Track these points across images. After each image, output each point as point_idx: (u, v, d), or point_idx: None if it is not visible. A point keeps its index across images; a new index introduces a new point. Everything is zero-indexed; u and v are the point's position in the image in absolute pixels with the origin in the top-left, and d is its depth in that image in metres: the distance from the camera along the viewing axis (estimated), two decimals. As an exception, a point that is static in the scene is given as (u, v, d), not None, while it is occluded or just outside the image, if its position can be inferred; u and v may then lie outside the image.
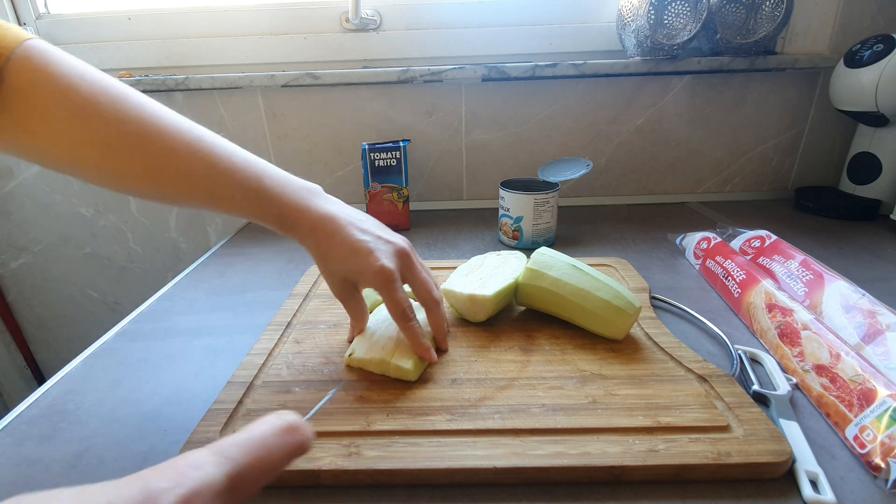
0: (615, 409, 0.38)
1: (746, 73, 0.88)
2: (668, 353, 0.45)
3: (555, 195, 0.73)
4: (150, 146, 0.37)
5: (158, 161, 0.37)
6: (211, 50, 0.92)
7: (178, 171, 0.38)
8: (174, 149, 0.37)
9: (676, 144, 0.94)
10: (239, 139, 0.93)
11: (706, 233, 0.68)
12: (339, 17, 0.91)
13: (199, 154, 0.38)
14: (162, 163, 0.37)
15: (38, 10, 0.93)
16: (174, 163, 0.37)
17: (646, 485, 0.33)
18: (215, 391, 0.43)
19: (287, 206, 0.41)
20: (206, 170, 0.38)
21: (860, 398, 0.36)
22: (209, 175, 0.39)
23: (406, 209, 0.85)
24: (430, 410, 0.39)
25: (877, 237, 0.74)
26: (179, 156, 0.37)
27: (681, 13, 0.82)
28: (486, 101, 0.91)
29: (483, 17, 0.91)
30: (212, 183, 0.39)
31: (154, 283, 1.05)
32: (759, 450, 0.33)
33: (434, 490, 0.34)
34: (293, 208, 0.41)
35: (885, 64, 0.72)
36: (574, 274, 0.49)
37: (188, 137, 0.38)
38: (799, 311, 0.46)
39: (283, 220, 0.41)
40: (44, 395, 0.46)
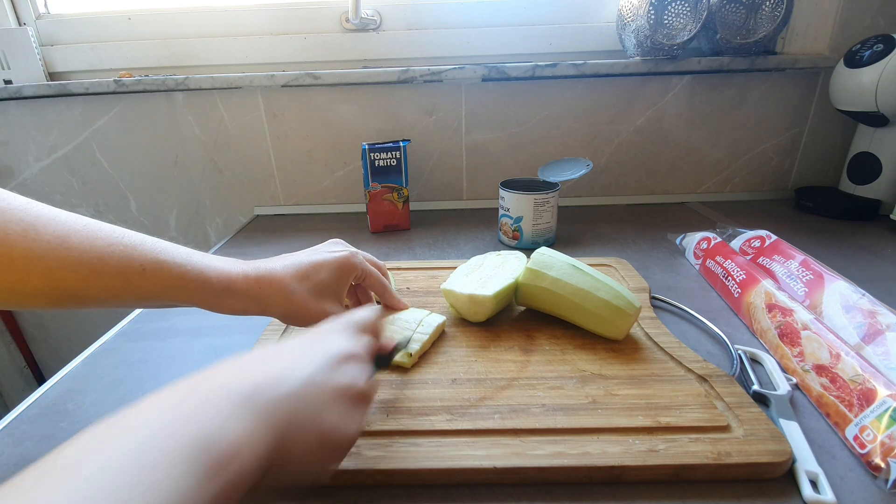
0: (615, 409, 0.38)
1: (746, 73, 0.88)
2: (668, 353, 0.45)
3: (555, 195, 0.73)
4: (34, 234, 0.32)
5: (45, 247, 0.32)
6: (211, 50, 0.92)
7: (72, 256, 0.33)
8: (67, 234, 0.33)
9: (676, 144, 0.94)
10: (239, 139, 0.94)
11: (706, 233, 0.68)
12: (339, 17, 0.91)
13: (102, 237, 0.34)
14: (51, 248, 0.33)
15: (38, 10, 0.93)
16: (67, 247, 0.33)
17: (646, 485, 0.33)
18: (215, 391, 0.43)
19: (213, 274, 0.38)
20: (113, 250, 0.35)
21: (860, 398, 0.36)
22: (118, 254, 0.34)
23: (406, 209, 0.85)
24: (430, 410, 0.39)
25: (877, 237, 0.74)
26: (74, 241, 0.33)
27: (681, 13, 0.82)
28: (486, 101, 0.91)
29: (483, 17, 0.91)
30: (123, 264, 0.35)
31: (154, 283, 1.05)
32: (759, 450, 0.33)
33: (434, 490, 0.34)
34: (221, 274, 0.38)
35: (885, 64, 0.72)
36: (574, 274, 0.49)
37: (88, 227, 0.35)
38: (799, 311, 0.46)
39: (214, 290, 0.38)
40: (44, 395, 0.46)
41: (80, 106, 0.91)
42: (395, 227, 0.86)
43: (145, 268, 0.35)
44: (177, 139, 0.94)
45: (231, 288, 0.38)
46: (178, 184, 0.97)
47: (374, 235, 0.84)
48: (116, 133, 0.93)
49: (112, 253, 0.35)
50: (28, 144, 0.94)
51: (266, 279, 0.39)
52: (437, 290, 0.60)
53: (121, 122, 0.92)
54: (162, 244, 0.37)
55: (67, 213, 0.35)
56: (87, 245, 0.34)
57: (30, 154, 0.95)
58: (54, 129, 0.93)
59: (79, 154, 0.95)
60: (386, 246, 0.79)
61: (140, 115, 0.92)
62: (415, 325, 0.48)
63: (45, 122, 0.92)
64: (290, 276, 0.40)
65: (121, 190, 0.98)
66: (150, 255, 0.36)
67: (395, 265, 0.66)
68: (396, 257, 0.74)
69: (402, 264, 0.67)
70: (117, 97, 0.91)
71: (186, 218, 1.01)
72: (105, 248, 0.34)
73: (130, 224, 1.01)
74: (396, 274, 0.64)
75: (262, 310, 0.40)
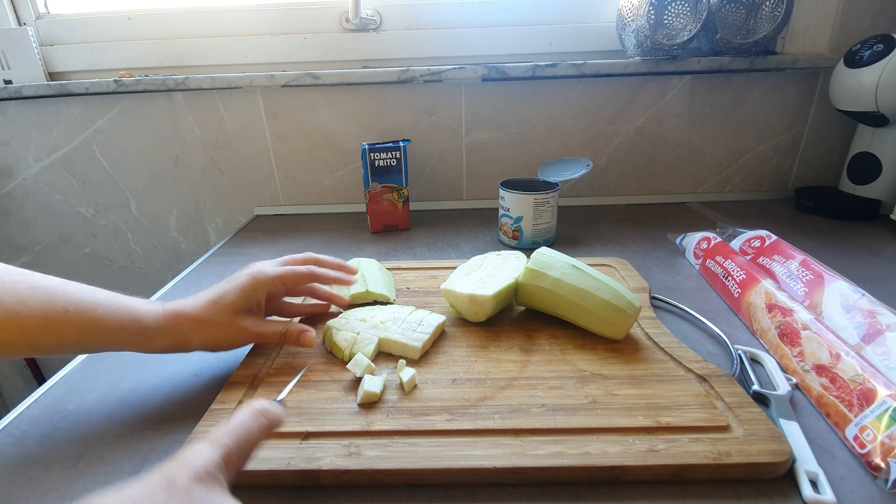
0: (615, 409, 0.38)
1: (746, 73, 0.88)
2: (668, 353, 0.45)
3: (555, 195, 0.73)
4: None
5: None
6: (211, 50, 0.92)
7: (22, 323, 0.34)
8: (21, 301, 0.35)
9: (676, 144, 0.94)
10: (239, 139, 0.94)
11: (706, 233, 0.68)
12: (339, 17, 0.91)
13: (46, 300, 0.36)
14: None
15: (38, 10, 0.93)
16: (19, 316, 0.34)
17: (646, 485, 0.33)
18: (215, 391, 0.43)
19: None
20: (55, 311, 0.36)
21: (860, 398, 0.36)
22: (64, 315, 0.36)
23: (406, 209, 0.85)
24: (430, 410, 0.39)
25: (877, 237, 0.74)
26: (26, 310, 0.35)
27: (681, 13, 0.82)
28: (486, 101, 0.91)
29: (483, 17, 0.91)
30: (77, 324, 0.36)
31: (154, 283, 1.05)
32: (759, 450, 0.33)
33: (434, 490, 0.34)
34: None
35: (885, 64, 0.72)
36: (574, 274, 0.49)
37: (33, 290, 0.36)
38: (799, 311, 0.46)
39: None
40: (44, 395, 0.46)
41: (80, 106, 0.91)
42: (395, 227, 0.86)
43: (67, 309, 0.35)
44: (177, 139, 0.94)
45: (154, 325, 0.40)
46: (178, 184, 0.97)
47: (374, 235, 0.84)
48: (116, 133, 0.93)
49: (32, 296, 0.35)
50: (28, 144, 0.94)
51: (181, 314, 0.41)
52: (437, 290, 0.60)
53: (121, 122, 0.92)
54: (85, 287, 0.38)
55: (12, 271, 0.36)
56: (6, 288, 0.34)
57: (30, 154, 0.95)
58: (54, 129, 0.93)
59: (79, 154, 0.95)
60: (386, 246, 0.79)
61: (140, 115, 0.92)
62: (415, 325, 0.48)
63: (45, 122, 0.92)
64: (200, 307, 0.42)
65: (121, 190, 0.98)
66: (72, 297, 0.36)
67: (395, 265, 0.66)
68: (396, 257, 0.74)
69: (402, 264, 0.67)
70: (117, 97, 0.91)
71: (186, 218, 1.01)
72: (26, 290, 0.35)
73: (130, 224, 1.01)
74: (396, 274, 0.64)
75: (184, 343, 0.41)
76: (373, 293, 0.56)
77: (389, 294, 0.57)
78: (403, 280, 0.63)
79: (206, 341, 0.42)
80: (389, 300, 0.57)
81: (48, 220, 1.00)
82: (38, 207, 0.99)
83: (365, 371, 0.42)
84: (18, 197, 0.98)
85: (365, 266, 0.60)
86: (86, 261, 1.04)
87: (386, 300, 0.57)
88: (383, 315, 0.50)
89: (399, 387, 0.42)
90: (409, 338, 0.46)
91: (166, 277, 1.05)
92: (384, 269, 0.63)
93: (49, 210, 0.99)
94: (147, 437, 0.39)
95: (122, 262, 1.04)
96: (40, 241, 1.02)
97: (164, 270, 1.05)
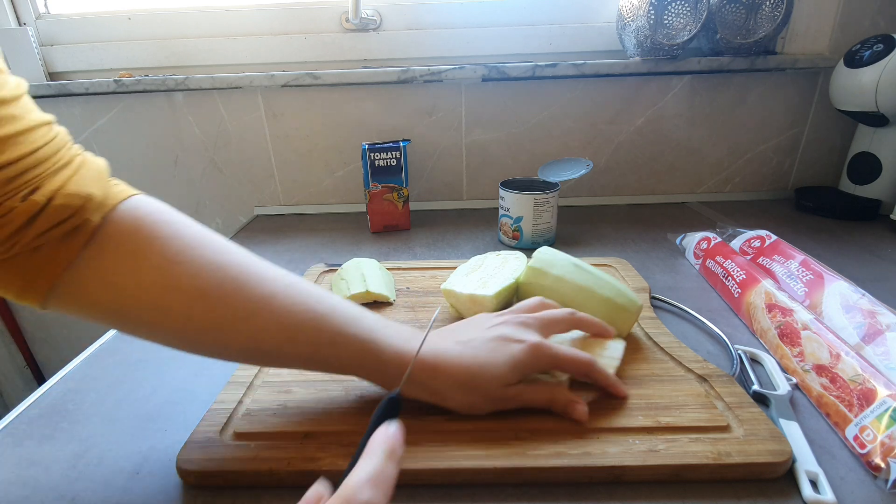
0: (615, 409, 0.38)
1: (746, 73, 0.88)
2: (668, 353, 0.45)
3: (555, 195, 0.73)
4: (247, 292, 0.33)
5: (253, 307, 0.33)
6: (211, 50, 0.92)
7: (273, 319, 0.34)
8: (273, 295, 0.34)
9: (676, 144, 0.94)
10: (239, 139, 0.94)
11: (706, 233, 0.68)
12: (339, 17, 0.91)
13: (300, 302, 0.35)
14: (257, 310, 0.33)
15: (38, 10, 0.93)
16: (270, 310, 0.34)
17: (646, 485, 0.33)
18: (215, 391, 0.43)
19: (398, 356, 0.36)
20: (307, 317, 0.34)
21: (860, 398, 0.36)
22: (311, 322, 0.34)
23: (406, 209, 0.85)
24: (431, 410, 0.39)
25: (877, 237, 0.74)
26: (277, 304, 0.34)
27: (681, 13, 0.82)
28: (486, 101, 0.91)
29: (483, 17, 0.91)
30: (314, 333, 0.34)
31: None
32: (759, 450, 0.33)
33: (434, 490, 0.34)
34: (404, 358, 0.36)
35: (885, 64, 0.72)
36: (576, 272, 0.49)
37: (290, 289, 0.35)
38: (799, 311, 0.46)
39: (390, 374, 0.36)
40: (44, 395, 0.46)
41: (80, 106, 0.91)
42: (395, 227, 0.86)
43: (335, 341, 0.35)
44: (177, 139, 0.94)
45: (412, 376, 0.35)
46: (178, 184, 0.97)
47: (374, 235, 0.84)
48: (116, 133, 0.93)
49: (306, 320, 0.34)
50: (28, 144, 0.94)
51: (442, 369, 0.36)
52: (437, 290, 0.60)
53: (121, 122, 0.92)
54: (351, 314, 0.36)
55: (271, 268, 0.36)
56: (286, 309, 0.34)
57: (30, 154, 0.95)
58: (54, 129, 0.93)
59: (79, 154, 0.95)
60: (386, 246, 0.79)
61: (140, 115, 0.92)
62: (601, 350, 0.43)
63: (45, 122, 0.92)
64: (468, 366, 0.36)
65: (121, 190, 0.97)
66: (338, 327, 0.35)
67: (395, 265, 0.66)
68: (396, 257, 0.74)
69: (402, 264, 0.67)
70: (117, 97, 0.91)
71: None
72: (302, 313, 0.34)
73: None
74: (396, 274, 0.64)
75: (440, 400, 0.37)
76: (373, 293, 0.56)
77: (389, 294, 0.57)
78: (403, 280, 0.63)
79: (467, 405, 0.37)
80: (389, 300, 0.57)
81: (48, 220, 1.00)
82: (38, 207, 0.99)
83: None
84: (18, 197, 0.98)
85: (365, 266, 0.60)
86: (86, 261, 1.04)
87: (386, 300, 0.57)
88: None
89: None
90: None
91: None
92: (384, 269, 0.63)
93: (49, 210, 0.99)
94: (147, 437, 0.39)
95: (122, 262, 1.04)
96: (40, 241, 1.02)
97: (164, 270, 1.05)
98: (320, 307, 0.35)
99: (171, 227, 0.33)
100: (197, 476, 0.34)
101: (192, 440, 0.36)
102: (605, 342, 0.44)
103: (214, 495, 0.34)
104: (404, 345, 0.36)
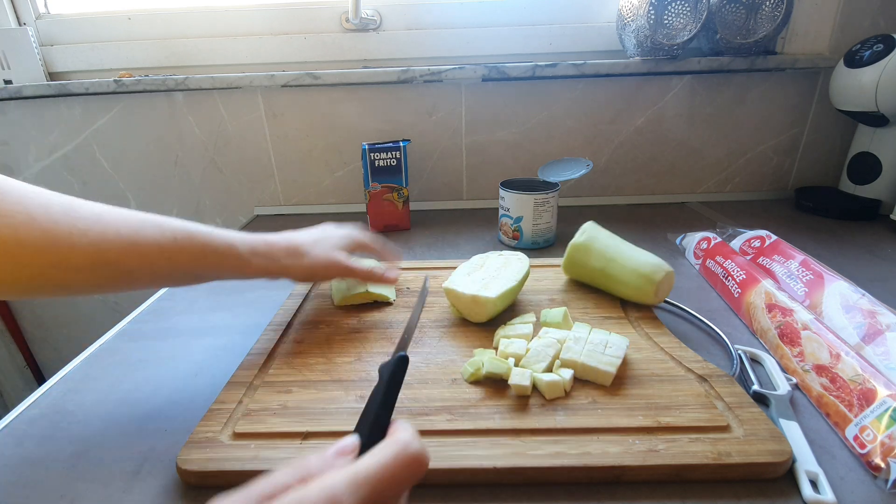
0: (615, 409, 0.38)
1: (746, 73, 0.88)
2: (668, 353, 0.45)
3: (555, 195, 0.73)
4: (77, 212, 0.35)
5: (85, 223, 0.35)
6: (211, 50, 0.92)
7: (111, 228, 0.36)
8: (104, 211, 0.37)
9: (676, 144, 0.94)
10: (239, 139, 0.94)
11: (706, 233, 0.68)
12: (339, 17, 0.91)
13: (131, 214, 0.38)
14: (91, 224, 0.35)
15: (38, 10, 0.93)
16: (104, 222, 0.36)
17: (646, 485, 0.33)
18: (215, 391, 0.43)
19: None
20: (147, 222, 0.39)
21: (860, 398, 0.36)
22: (151, 223, 0.39)
23: (406, 209, 0.85)
24: (430, 410, 0.39)
25: (877, 237, 0.74)
26: (110, 216, 0.37)
27: (681, 13, 0.82)
28: (486, 101, 0.91)
29: (483, 17, 0.91)
30: (156, 231, 0.39)
31: (154, 283, 1.05)
32: (759, 450, 0.33)
33: (434, 490, 0.34)
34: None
35: (885, 64, 0.72)
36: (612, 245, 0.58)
37: (117, 208, 0.38)
38: (799, 311, 0.46)
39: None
40: (44, 395, 0.46)
41: (80, 106, 0.91)
42: (395, 227, 0.86)
43: (177, 237, 0.39)
44: (177, 139, 0.94)
45: (254, 249, 0.45)
46: (178, 184, 0.97)
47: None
48: (116, 133, 0.93)
49: (144, 226, 0.38)
50: (28, 144, 0.94)
51: (283, 241, 0.48)
52: (437, 289, 0.60)
53: (121, 122, 0.92)
54: (186, 221, 0.41)
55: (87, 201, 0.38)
56: (121, 220, 0.37)
57: (30, 154, 0.95)
58: (54, 129, 0.93)
59: (79, 154, 0.95)
60: (386, 246, 0.79)
61: (140, 115, 0.92)
62: (602, 347, 0.44)
63: (45, 122, 0.92)
64: (306, 240, 0.49)
65: (121, 190, 0.98)
66: (179, 227, 0.40)
67: (395, 265, 0.66)
68: (396, 257, 0.74)
69: (402, 264, 0.67)
70: (117, 97, 0.91)
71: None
72: (138, 222, 0.38)
73: (130, 224, 1.01)
74: (396, 274, 0.64)
75: (281, 269, 0.47)
76: (373, 293, 0.56)
77: (389, 294, 0.57)
78: (403, 280, 0.63)
79: (305, 269, 0.48)
80: (389, 300, 0.57)
81: (48, 220, 1.00)
82: (38, 207, 0.99)
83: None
84: (18, 197, 0.98)
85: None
86: (86, 261, 1.04)
87: (386, 300, 0.57)
88: (557, 334, 0.46)
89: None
90: (600, 361, 0.42)
91: (166, 277, 1.04)
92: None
93: (49, 210, 0.99)
94: (147, 437, 0.39)
95: (122, 262, 1.04)
96: (40, 241, 1.02)
97: (164, 270, 1.05)
98: (155, 217, 0.39)
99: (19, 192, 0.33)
100: (197, 476, 0.34)
101: (192, 440, 0.36)
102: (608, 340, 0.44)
103: (214, 495, 0.34)
104: (245, 234, 0.46)
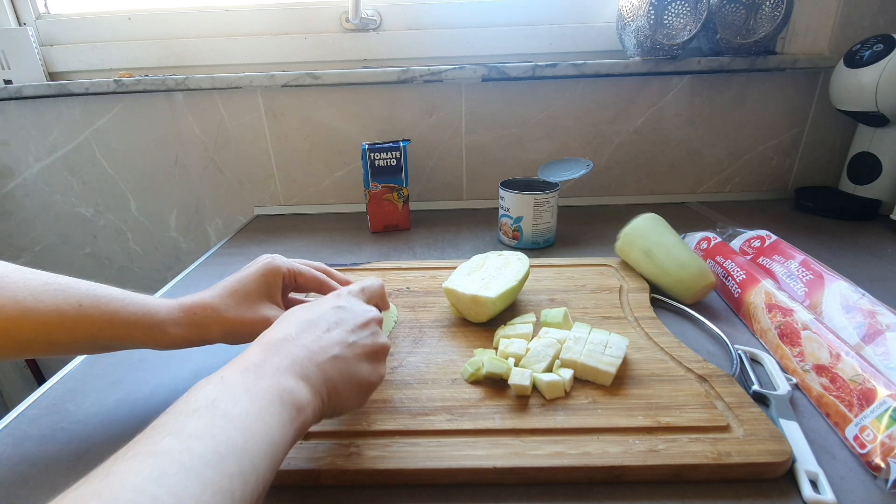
0: (615, 409, 0.38)
1: (746, 73, 0.88)
2: (668, 353, 0.45)
3: (555, 195, 0.73)
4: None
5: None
6: (211, 50, 0.92)
7: (9, 289, 0.34)
8: (4, 275, 0.34)
9: (676, 144, 0.94)
10: (239, 139, 0.94)
11: (706, 233, 0.68)
12: (339, 17, 0.91)
13: (36, 276, 0.36)
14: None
15: (38, 10, 0.93)
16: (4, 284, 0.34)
17: (646, 485, 0.33)
18: (215, 391, 0.43)
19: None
20: (51, 284, 0.35)
21: (860, 398, 0.36)
22: (54, 285, 0.35)
23: (406, 209, 0.85)
24: (430, 410, 0.39)
25: (877, 237, 0.74)
26: (13, 278, 0.34)
27: (681, 13, 0.82)
28: (486, 101, 0.91)
29: (483, 17, 0.91)
30: (60, 295, 0.35)
31: (154, 283, 1.05)
32: (759, 450, 0.33)
33: (434, 490, 0.34)
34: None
35: (885, 64, 0.72)
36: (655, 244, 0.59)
37: (23, 269, 0.36)
38: (799, 311, 0.46)
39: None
40: (44, 395, 0.46)
41: (80, 106, 0.91)
42: (395, 227, 0.86)
43: (82, 303, 0.35)
44: (177, 139, 0.94)
45: (170, 318, 0.38)
46: (178, 184, 0.97)
47: (374, 235, 0.84)
48: (116, 133, 0.93)
49: (46, 291, 0.34)
50: (28, 144, 0.94)
51: (198, 305, 0.39)
52: (437, 290, 0.60)
53: (121, 122, 0.92)
54: (97, 284, 0.37)
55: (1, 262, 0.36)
56: (21, 285, 0.34)
57: (30, 154, 0.95)
58: (54, 129, 0.93)
59: (79, 154, 0.95)
60: (386, 246, 0.79)
61: (140, 115, 0.92)
62: (602, 347, 0.44)
63: (45, 122, 0.92)
64: (219, 298, 0.40)
65: (121, 190, 0.98)
66: (86, 292, 0.36)
67: (394, 265, 0.66)
68: (396, 257, 0.74)
69: (402, 264, 0.67)
70: (117, 97, 0.91)
71: (186, 218, 1.01)
72: (39, 286, 0.35)
73: (130, 224, 1.01)
74: (396, 274, 0.64)
75: (203, 335, 0.40)
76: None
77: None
78: (403, 280, 0.63)
79: (228, 332, 0.40)
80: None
81: (48, 221, 1.00)
82: (38, 208, 0.99)
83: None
84: (18, 197, 0.98)
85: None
86: (86, 261, 1.04)
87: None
88: (557, 334, 0.46)
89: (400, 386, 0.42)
90: (600, 361, 0.42)
91: (166, 277, 1.05)
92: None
93: (49, 210, 0.99)
94: (147, 437, 0.39)
95: (122, 262, 1.04)
96: (40, 242, 1.02)
97: (163, 270, 1.05)
98: (60, 280, 0.36)
99: None
100: (197, 476, 0.34)
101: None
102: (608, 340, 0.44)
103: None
104: (157, 299, 0.39)
